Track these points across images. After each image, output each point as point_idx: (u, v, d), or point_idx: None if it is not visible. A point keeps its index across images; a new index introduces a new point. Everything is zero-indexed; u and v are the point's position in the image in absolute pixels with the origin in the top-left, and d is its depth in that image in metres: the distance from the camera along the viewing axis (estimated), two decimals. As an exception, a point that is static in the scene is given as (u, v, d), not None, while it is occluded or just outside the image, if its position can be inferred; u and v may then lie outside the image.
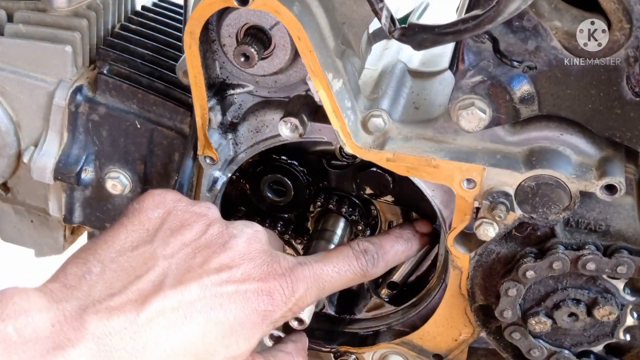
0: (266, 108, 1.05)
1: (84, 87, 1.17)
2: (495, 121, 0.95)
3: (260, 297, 0.87)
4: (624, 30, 0.83)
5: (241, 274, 0.87)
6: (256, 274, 0.88)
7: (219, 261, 0.87)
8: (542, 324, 1.03)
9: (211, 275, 0.85)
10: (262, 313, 0.87)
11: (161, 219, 0.90)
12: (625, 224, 0.99)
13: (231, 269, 0.87)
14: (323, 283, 0.96)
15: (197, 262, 0.86)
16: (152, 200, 0.91)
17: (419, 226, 1.11)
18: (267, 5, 0.88)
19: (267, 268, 0.89)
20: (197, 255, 0.86)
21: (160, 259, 0.85)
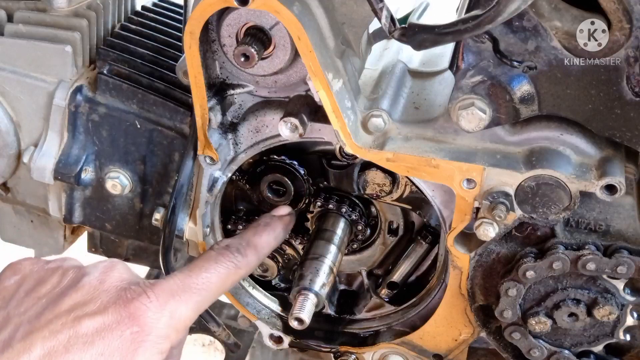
0: (266, 108, 1.05)
1: (84, 87, 1.17)
2: (495, 121, 0.95)
3: (122, 322, 0.82)
4: (624, 30, 0.83)
5: (97, 306, 0.83)
6: (114, 301, 0.84)
7: (70, 301, 0.83)
8: (542, 324, 1.03)
9: (62, 318, 0.81)
10: (130, 338, 0.82)
11: (17, 284, 0.88)
12: (625, 224, 0.99)
13: (85, 305, 0.83)
14: (197, 288, 0.91)
15: (48, 309, 0.83)
16: (9, 271, 0.90)
17: (276, 211, 1.11)
18: (267, 5, 0.88)
19: (125, 293, 0.85)
20: (50, 304, 0.83)
21: (13, 318, 0.83)
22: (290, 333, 1.24)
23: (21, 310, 0.83)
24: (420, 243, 1.19)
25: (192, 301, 0.90)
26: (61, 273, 0.88)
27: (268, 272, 1.26)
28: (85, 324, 0.81)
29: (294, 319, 1.06)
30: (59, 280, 0.87)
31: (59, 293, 0.85)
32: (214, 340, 1.52)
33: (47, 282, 0.87)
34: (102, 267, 0.88)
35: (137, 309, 0.83)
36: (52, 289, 0.86)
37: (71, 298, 0.84)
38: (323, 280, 1.10)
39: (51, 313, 0.82)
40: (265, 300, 1.26)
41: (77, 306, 0.83)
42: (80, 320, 0.81)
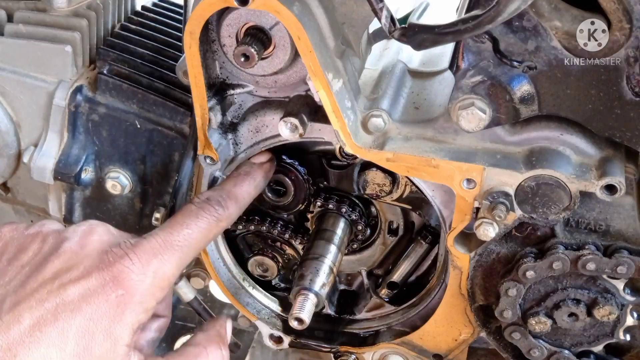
0: (266, 108, 1.05)
1: (84, 87, 1.17)
2: (495, 121, 0.95)
3: (107, 286, 0.83)
4: (624, 30, 0.83)
5: (80, 272, 0.83)
6: (96, 265, 0.84)
7: (53, 268, 0.84)
8: (542, 324, 1.03)
9: (47, 285, 0.82)
10: (116, 301, 0.83)
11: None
12: (625, 224, 0.99)
13: (69, 271, 0.83)
14: (179, 245, 0.91)
15: (32, 277, 0.83)
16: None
17: (255, 158, 1.08)
18: (267, 5, 0.88)
19: (107, 256, 0.85)
20: (34, 272, 0.84)
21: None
22: (290, 333, 1.24)
23: (6, 280, 0.84)
24: (420, 243, 1.19)
25: (174, 258, 0.90)
26: (41, 239, 0.88)
27: (268, 272, 1.26)
28: (71, 290, 0.82)
29: (294, 319, 1.06)
30: (40, 246, 0.87)
31: (41, 260, 0.85)
32: (214, 340, 1.52)
33: (29, 248, 0.87)
34: (81, 232, 0.88)
35: (120, 271, 0.84)
36: (33, 256, 0.86)
37: (54, 264, 0.84)
38: (323, 280, 1.10)
39: (35, 281, 0.82)
40: (265, 300, 1.26)
41: (61, 273, 0.83)
42: (66, 287, 0.82)
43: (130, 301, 0.84)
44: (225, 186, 1.03)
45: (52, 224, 0.92)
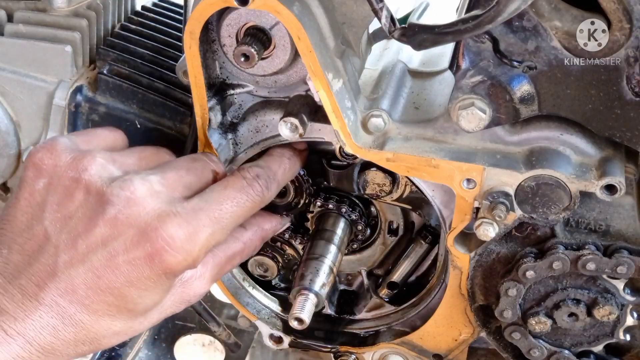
0: (266, 108, 1.05)
1: (84, 87, 1.17)
2: (495, 121, 0.95)
3: (152, 261, 0.86)
4: (624, 30, 0.83)
5: (127, 242, 0.86)
6: (141, 233, 0.86)
7: (101, 234, 0.86)
8: (542, 324, 1.03)
9: (97, 252, 0.85)
10: (161, 267, 0.86)
11: (45, 189, 0.91)
12: (625, 224, 0.99)
13: (116, 240, 0.86)
14: (224, 221, 0.93)
15: (82, 238, 0.86)
16: (33, 170, 0.92)
17: (296, 144, 1.09)
18: (267, 5, 0.88)
19: (153, 234, 0.86)
20: (83, 233, 0.87)
21: (52, 236, 0.87)
22: (290, 333, 1.24)
23: (57, 228, 0.88)
24: (420, 243, 1.19)
25: (218, 236, 0.92)
26: (85, 189, 0.89)
27: (268, 272, 1.26)
28: (119, 259, 0.85)
29: (294, 319, 1.06)
30: (85, 199, 0.89)
31: (88, 219, 0.87)
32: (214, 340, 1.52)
33: (74, 197, 0.89)
34: (125, 200, 0.88)
35: (160, 250, 0.86)
36: (79, 207, 0.88)
37: (101, 230, 0.87)
38: (323, 280, 1.10)
39: (85, 243, 0.86)
40: (265, 300, 1.26)
41: (109, 240, 0.86)
42: (114, 257, 0.86)
43: (173, 269, 0.88)
44: (272, 166, 1.04)
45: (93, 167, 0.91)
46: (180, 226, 0.87)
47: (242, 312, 1.25)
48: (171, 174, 0.93)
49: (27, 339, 0.83)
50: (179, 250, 0.86)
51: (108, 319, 0.88)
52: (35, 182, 0.91)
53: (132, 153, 0.98)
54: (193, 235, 0.88)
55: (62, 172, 0.91)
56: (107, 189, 0.88)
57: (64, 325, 0.85)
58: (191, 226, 0.88)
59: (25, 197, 0.91)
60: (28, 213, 0.90)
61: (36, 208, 0.90)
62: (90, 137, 0.99)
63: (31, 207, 0.90)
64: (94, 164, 0.90)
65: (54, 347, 0.85)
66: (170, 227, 0.86)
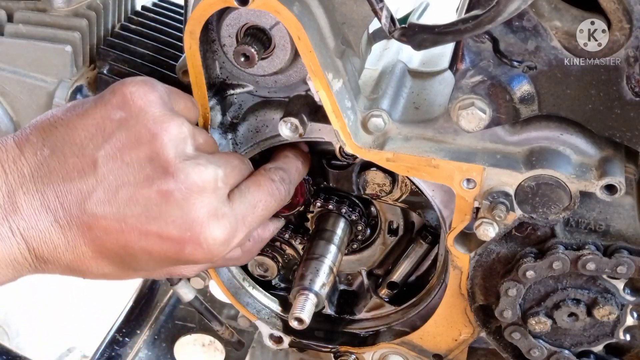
0: (266, 108, 1.06)
1: (84, 87, 1.17)
2: (495, 121, 0.95)
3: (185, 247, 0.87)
4: (624, 30, 0.83)
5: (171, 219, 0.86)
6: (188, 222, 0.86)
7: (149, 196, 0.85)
8: (542, 324, 1.03)
9: (135, 210, 0.85)
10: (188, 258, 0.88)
11: (119, 123, 0.87)
12: (625, 224, 0.99)
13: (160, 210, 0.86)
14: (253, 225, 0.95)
15: (129, 190, 0.85)
16: (121, 97, 0.89)
17: (302, 146, 1.10)
18: (267, 5, 0.88)
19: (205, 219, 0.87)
20: (134, 183, 0.86)
21: (99, 170, 0.85)
22: (290, 333, 1.24)
23: (109, 165, 0.85)
24: (420, 243, 1.19)
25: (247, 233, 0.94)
26: (158, 149, 0.86)
27: (268, 272, 1.26)
28: (152, 229, 0.86)
29: (294, 319, 1.06)
30: (152, 157, 0.86)
31: (144, 178, 0.86)
32: (214, 340, 1.52)
33: (141, 149, 0.86)
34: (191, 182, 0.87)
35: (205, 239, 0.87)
36: (142, 161, 0.86)
37: (150, 194, 0.85)
38: (323, 280, 1.10)
39: (128, 195, 0.85)
40: (265, 300, 1.26)
41: (152, 207, 0.85)
42: (148, 224, 0.85)
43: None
44: (291, 169, 1.05)
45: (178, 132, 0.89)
46: (223, 229, 0.88)
47: (242, 312, 1.25)
48: (230, 172, 0.93)
49: (29, 245, 0.83)
50: (212, 251, 0.88)
51: (106, 263, 0.88)
52: (113, 111, 0.88)
53: (207, 136, 0.97)
54: (229, 240, 0.90)
55: (145, 120, 0.88)
56: (179, 163, 0.87)
57: (66, 250, 0.85)
58: (231, 231, 0.90)
59: (96, 117, 0.87)
60: (90, 132, 0.87)
61: (100, 133, 0.87)
62: (183, 102, 0.96)
63: (96, 129, 0.87)
64: (178, 131, 0.88)
65: (47, 263, 0.86)
66: (216, 229, 0.87)
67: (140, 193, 0.85)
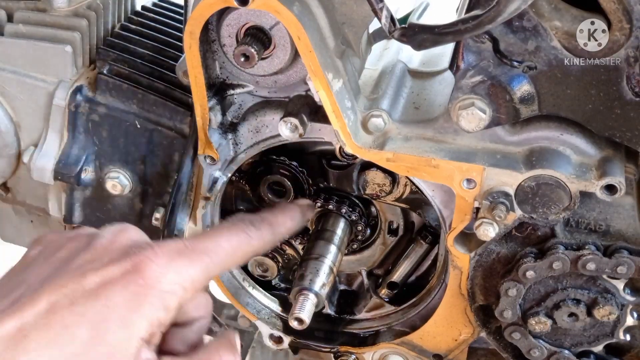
0: (266, 108, 1.05)
1: (84, 87, 1.17)
2: (495, 121, 0.95)
3: (127, 275, 0.81)
4: (624, 30, 0.83)
5: (103, 262, 0.82)
6: (120, 256, 0.83)
7: (80, 261, 0.83)
8: (542, 324, 1.03)
9: (69, 273, 0.82)
10: (134, 291, 0.81)
11: (39, 252, 0.88)
12: (625, 224, 0.99)
13: (93, 262, 0.83)
14: (205, 251, 0.88)
15: (59, 270, 0.83)
16: (34, 242, 0.90)
17: (301, 201, 1.11)
18: (267, 5, 0.88)
19: (131, 249, 0.84)
20: (62, 266, 0.84)
21: (28, 280, 0.83)
22: (290, 333, 1.24)
23: (37, 272, 0.84)
24: (420, 243, 1.19)
25: (199, 262, 0.87)
26: (77, 239, 0.88)
27: (268, 272, 1.26)
28: (90, 277, 0.81)
29: (294, 319, 1.05)
30: (75, 245, 0.87)
31: (72, 256, 0.85)
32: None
33: (64, 248, 0.87)
34: (114, 230, 0.87)
35: (141, 262, 0.82)
36: (67, 253, 0.86)
37: (81, 258, 0.84)
38: (323, 280, 1.10)
39: (61, 273, 0.82)
40: (265, 300, 1.26)
41: (85, 264, 0.83)
42: (85, 275, 0.81)
43: (149, 293, 0.82)
44: (261, 213, 1.03)
45: (91, 229, 0.92)
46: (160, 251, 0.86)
47: (242, 312, 1.25)
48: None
49: None
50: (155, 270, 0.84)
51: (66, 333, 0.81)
52: (31, 251, 0.89)
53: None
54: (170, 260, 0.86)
55: (59, 237, 0.90)
56: (99, 231, 0.87)
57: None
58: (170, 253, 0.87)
59: (16, 266, 0.87)
60: (11, 274, 0.85)
61: (23, 268, 0.86)
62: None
63: (18, 270, 0.86)
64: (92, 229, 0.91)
65: None
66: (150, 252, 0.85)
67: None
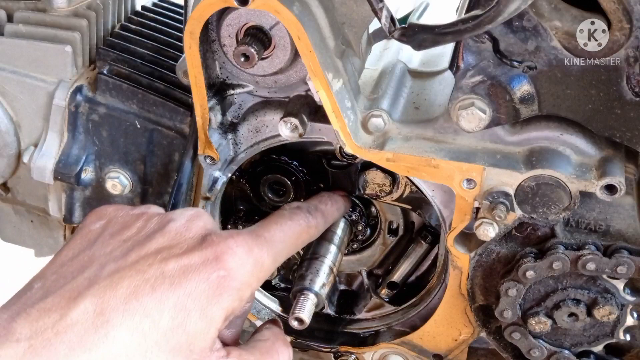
0: (266, 108, 1.05)
1: (84, 87, 1.17)
2: (495, 121, 0.95)
3: (209, 265, 0.81)
4: (624, 30, 0.83)
5: (183, 250, 0.82)
6: (199, 244, 0.83)
7: (156, 244, 0.82)
8: (542, 324, 1.03)
9: (149, 259, 0.81)
10: (216, 282, 0.80)
11: (102, 227, 0.87)
12: (625, 224, 0.99)
13: (172, 248, 0.82)
14: (274, 241, 0.91)
15: (134, 251, 0.82)
16: (94, 215, 0.89)
17: (338, 192, 1.13)
18: (267, 5, 0.88)
19: (211, 237, 0.84)
20: (136, 246, 0.83)
21: (98, 258, 0.81)
22: (290, 333, 1.24)
23: (107, 251, 0.83)
24: (420, 243, 1.19)
25: (272, 251, 0.89)
26: (146, 218, 0.87)
27: (268, 272, 1.26)
28: (172, 264, 0.80)
29: (294, 319, 1.05)
30: (144, 225, 0.86)
31: (144, 236, 0.84)
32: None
33: (133, 226, 0.86)
34: (189, 215, 0.87)
35: (223, 252, 0.82)
36: (137, 232, 0.85)
37: (157, 241, 0.83)
38: (323, 280, 1.10)
39: (137, 254, 0.81)
40: (265, 300, 1.26)
41: (163, 249, 0.82)
42: (167, 261, 0.80)
43: (230, 285, 0.82)
44: (312, 202, 1.07)
45: (157, 208, 0.91)
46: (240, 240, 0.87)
47: (242, 312, 1.25)
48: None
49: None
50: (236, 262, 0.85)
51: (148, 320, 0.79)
52: (92, 224, 0.87)
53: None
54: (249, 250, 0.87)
55: (124, 213, 0.89)
56: (170, 213, 0.87)
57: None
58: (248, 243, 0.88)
59: (76, 238, 0.86)
60: (75, 249, 0.84)
61: (86, 243, 0.85)
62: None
63: (81, 244, 0.85)
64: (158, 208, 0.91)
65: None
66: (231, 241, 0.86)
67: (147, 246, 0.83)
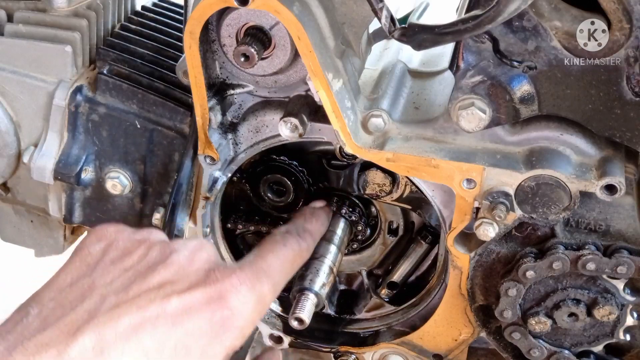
0: (266, 108, 1.05)
1: (84, 87, 1.17)
2: (495, 121, 0.95)
3: (212, 304, 0.79)
4: (624, 30, 0.83)
5: (186, 286, 0.79)
6: (203, 281, 0.81)
7: (159, 278, 0.80)
8: (542, 324, 1.03)
9: (150, 294, 0.78)
10: (220, 322, 0.79)
11: (102, 251, 0.84)
12: (625, 224, 0.99)
13: (174, 283, 0.80)
14: (273, 272, 0.89)
15: (136, 284, 0.79)
16: (93, 236, 0.86)
17: (313, 204, 1.13)
18: (267, 5, 0.88)
19: (214, 274, 0.82)
20: (138, 278, 0.80)
21: (98, 288, 0.78)
22: (290, 333, 1.24)
23: (107, 280, 0.80)
24: (420, 243, 1.19)
25: (272, 283, 0.88)
26: (148, 246, 0.85)
27: (268, 272, 1.26)
28: (174, 302, 0.78)
29: (294, 319, 1.05)
30: (146, 253, 0.84)
31: (146, 267, 0.82)
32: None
33: (134, 253, 0.84)
34: (192, 247, 0.85)
35: (227, 291, 0.81)
36: (139, 261, 0.83)
37: (159, 274, 0.81)
38: (323, 280, 1.10)
39: (139, 288, 0.79)
40: (265, 300, 1.26)
41: (166, 284, 0.80)
42: (169, 298, 0.78)
43: (233, 324, 0.81)
44: (297, 222, 1.07)
45: (160, 234, 0.89)
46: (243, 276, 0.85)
47: (242, 312, 1.25)
48: None
49: None
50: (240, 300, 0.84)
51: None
52: (92, 246, 0.84)
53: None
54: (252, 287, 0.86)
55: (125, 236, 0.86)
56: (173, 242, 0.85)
57: None
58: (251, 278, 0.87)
59: (75, 261, 0.83)
60: (74, 274, 0.81)
61: (85, 268, 0.82)
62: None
63: (80, 268, 0.82)
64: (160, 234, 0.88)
65: None
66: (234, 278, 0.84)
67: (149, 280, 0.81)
